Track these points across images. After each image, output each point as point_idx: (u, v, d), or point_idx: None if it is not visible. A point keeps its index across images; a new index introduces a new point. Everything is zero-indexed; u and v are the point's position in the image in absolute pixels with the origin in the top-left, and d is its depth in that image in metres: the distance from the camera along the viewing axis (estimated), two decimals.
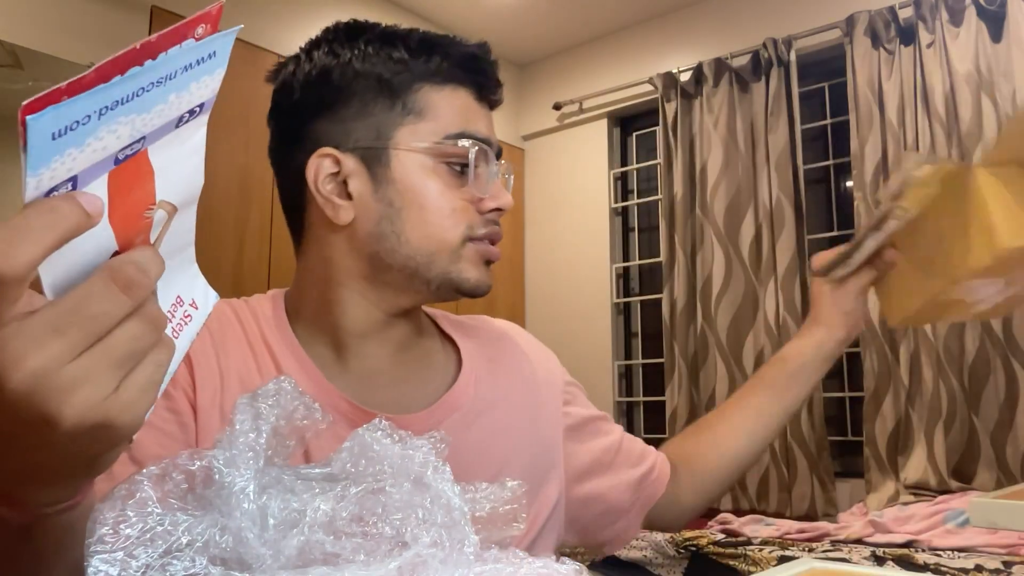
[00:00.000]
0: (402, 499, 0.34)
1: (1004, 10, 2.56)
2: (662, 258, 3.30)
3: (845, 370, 3.02)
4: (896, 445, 2.63)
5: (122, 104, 0.33)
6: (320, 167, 0.72)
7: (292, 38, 2.95)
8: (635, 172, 3.72)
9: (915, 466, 2.52)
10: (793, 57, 2.99)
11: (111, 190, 0.35)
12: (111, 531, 0.32)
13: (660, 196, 3.36)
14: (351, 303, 0.73)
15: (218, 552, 0.32)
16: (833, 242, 3.10)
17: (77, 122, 0.31)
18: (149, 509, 0.32)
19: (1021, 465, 2.40)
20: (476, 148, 0.71)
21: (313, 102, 0.73)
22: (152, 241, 0.38)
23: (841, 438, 2.98)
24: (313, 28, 0.77)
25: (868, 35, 2.81)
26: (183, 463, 0.35)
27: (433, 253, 0.70)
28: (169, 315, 0.39)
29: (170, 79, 0.35)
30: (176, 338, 0.40)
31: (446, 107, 0.71)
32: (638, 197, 3.70)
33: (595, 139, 3.70)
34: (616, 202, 3.67)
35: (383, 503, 0.34)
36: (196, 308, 0.42)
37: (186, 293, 0.41)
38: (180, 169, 0.39)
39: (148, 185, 0.37)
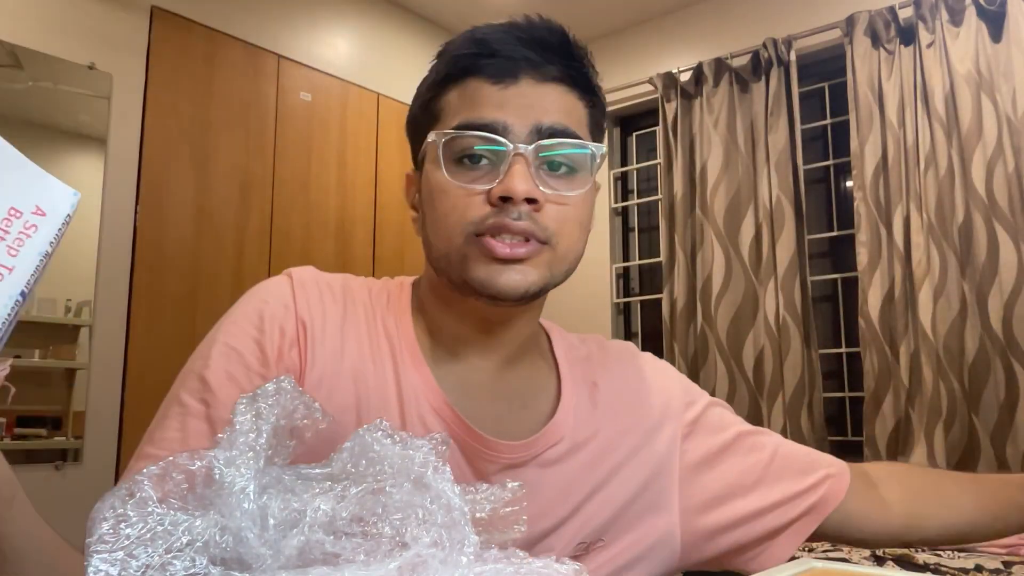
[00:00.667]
0: (402, 499, 0.34)
1: (1004, 10, 2.56)
2: (662, 258, 3.30)
3: (845, 370, 3.02)
4: (896, 445, 2.63)
5: None
6: (407, 186, 0.76)
7: (292, 38, 2.94)
8: (635, 172, 3.72)
9: None
10: (793, 57, 2.99)
11: None
12: (111, 531, 0.32)
13: (660, 196, 3.36)
14: (440, 310, 0.73)
15: (218, 552, 0.32)
16: (833, 242, 3.10)
17: None
18: (149, 509, 0.32)
19: (1021, 465, 2.40)
20: (473, 137, 0.66)
21: (408, 134, 0.76)
22: None
23: (841, 438, 2.98)
24: (313, 28, 0.77)
25: (868, 35, 2.81)
26: (183, 463, 0.35)
27: (447, 254, 0.67)
28: None
29: None
30: (15, 254, 0.37)
31: (455, 102, 0.69)
32: (638, 197, 3.70)
33: None
34: (616, 202, 3.67)
35: (383, 503, 0.34)
36: (43, 215, 0.39)
37: (23, 201, 0.38)
38: None
39: None
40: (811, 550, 1.75)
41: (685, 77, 3.29)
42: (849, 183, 2.99)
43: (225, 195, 2.73)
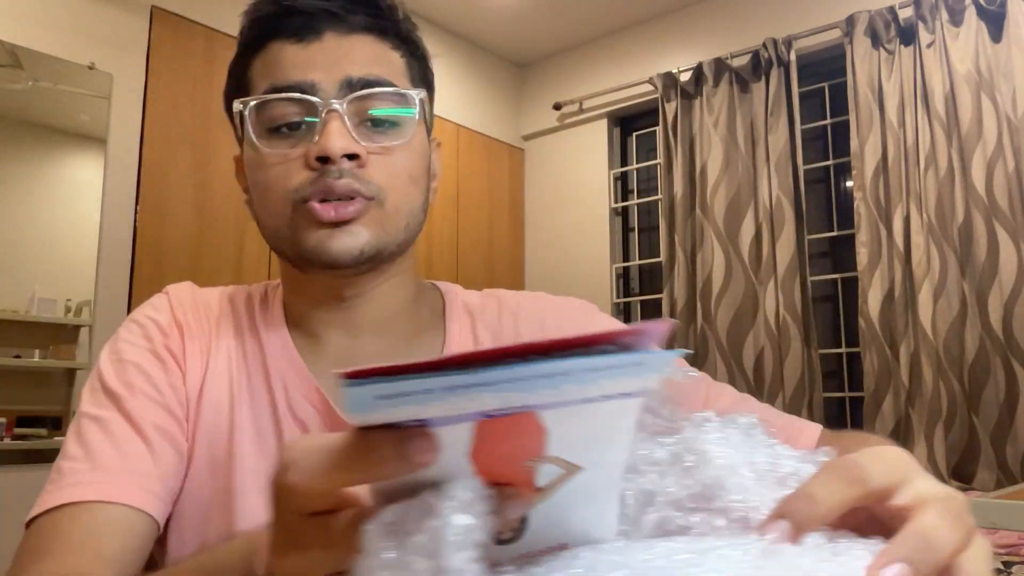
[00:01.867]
0: (740, 483, 0.35)
1: (1004, 10, 2.56)
2: (662, 258, 3.30)
3: (845, 370, 3.02)
4: (896, 445, 2.63)
5: (489, 386, 0.26)
6: (236, 167, 0.73)
7: None
8: (635, 172, 3.72)
9: None
10: (793, 57, 2.99)
11: (478, 433, 0.29)
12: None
13: (660, 196, 3.36)
14: (293, 290, 0.71)
15: None
16: (833, 242, 3.10)
17: (407, 393, 0.26)
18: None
19: (1021, 465, 2.40)
20: (280, 100, 0.62)
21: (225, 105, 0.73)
22: (538, 488, 0.31)
23: None
24: None
25: (868, 35, 2.81)
26: None
27: (277, 229, 0.64)
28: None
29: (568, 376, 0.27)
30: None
31: (260, 70, 0.65)
32: (638, 197, 3.70)
33: (595, 139, 3.70)
34: (616, 202, 3.67)
35: (723, 485, 0.35)
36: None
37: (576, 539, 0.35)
38: (586, 435, 0.32)
39: (536, 441, 0.31)
40: None
41: (685, 77, 3.29)
42: (849, 183, 2.99)
43: (225, 195, 2.73)
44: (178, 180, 2.63)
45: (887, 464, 0.32)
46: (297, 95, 0.62)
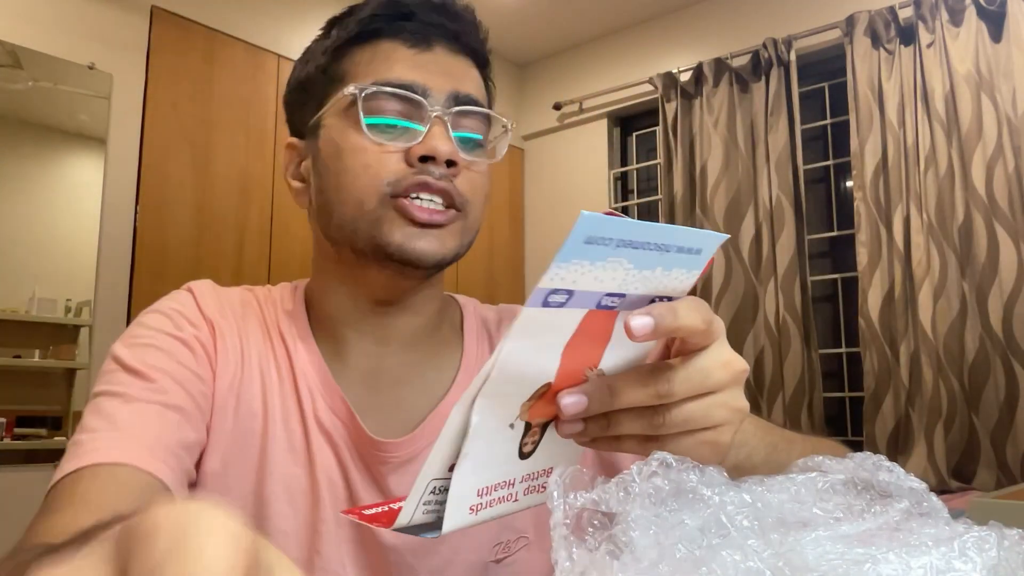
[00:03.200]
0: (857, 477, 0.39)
1: (1004, 10, 2.56)
2: None
3: (845, 370, 3.02)
4: (896, 445, 2.63)
5: (632, 248, 0.36)
6: (287, 157, 0.72)
7: (292, 39, 2.95)
8: (635, 172, 3.72)
9: (915, 466, 2.52)
10: (793, 57, 2.99)
11: (580, 327, 0.39)
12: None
13: (660, 196, 3.36)
14: (333, 291, 0.70)
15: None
16: (833, 242, 3.11)
17: (605, 239, 0.35)
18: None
19: (1021, 465, 2.40)
20: (391, 95, 0.63)
21: (288, 103, 0.74)
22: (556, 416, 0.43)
23: (841, 438, 2.97)
24: (313, 29, 0.76)
25: (868, 35, 2.81)
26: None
27: (355, 218, 0.64)
28: (533, 477, 0.44)
29: (667, 250, 0.39)
30: (516, 499, 0.44)
31: (364, 64, 0.66)
32: (638, 197, 3.70)
33: (595, 139, 3.70)
34: (616, 202, 3.67)
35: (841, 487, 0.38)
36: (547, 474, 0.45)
37: (561, 462, 0.44)
38: (628, 352, 0.43)
39: (599, 348, 0.42)
40: None
41: (685, 77, 3.29)
42: (849, 183, 2.99)
43: (225, 195, 2.73)
44: (178, 180, 2.63)
45: (715, 321, 0.43)
46: (411, 95, 0.63)
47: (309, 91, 0.69)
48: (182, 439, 0.60)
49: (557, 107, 3.77)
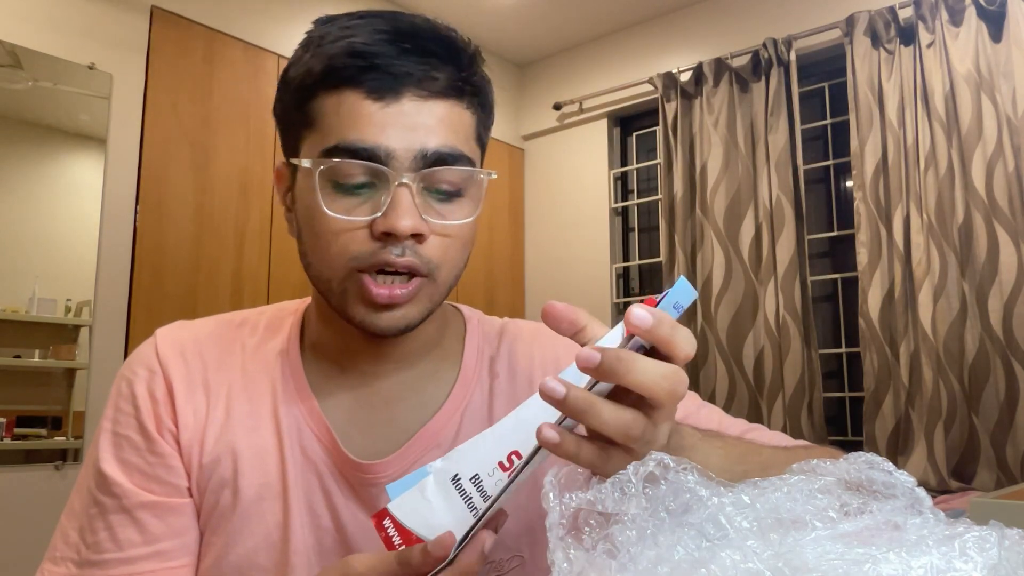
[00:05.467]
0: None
1: (1004, 10, 2.56)
2: (662, 258, 3.30)
3: (845, 370, 3.02)
4: (896, 445, 2.63)
5: None
6: (277, 180, 0.71)
7: (292, 39, 2.94)
8: (635, 172, 3.72)
9: (915, 466, 2.52)
10: (793, 57, 2.99)
11: None
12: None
13: (660, 196, 3.36)
14: (326, 323, 0.70)
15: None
16: (833, 242, 3.10)
17: None
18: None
19: (1021, 465, 2.40)
20: (353, 163, 0.60)
21: (275, 120, 0.71)
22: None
23: (841, 438, 2.98)
24: None
25: (868, 35, 2.81)
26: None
27: (328, 282, 0.63)
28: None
29: None
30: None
31: (331, 115, 0.62)
32: (638, 197, 3.70)
33: (595, 139, 3.70)
34: (616, 202, 3.67)
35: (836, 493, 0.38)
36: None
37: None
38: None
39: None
40: None
41: (685, 77, 3.29)
42: (849, 183, 2.99)
43: (225, 195, 2.73)
44: (178, 180, 2.63)
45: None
46: (370, 164, 0.60)
47: (287, 119, 0.67)
48: (157, 536, 0.65)
49: (557, 107, 3.77)
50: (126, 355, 2.45)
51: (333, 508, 0.66)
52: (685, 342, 0.45)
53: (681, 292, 0.45)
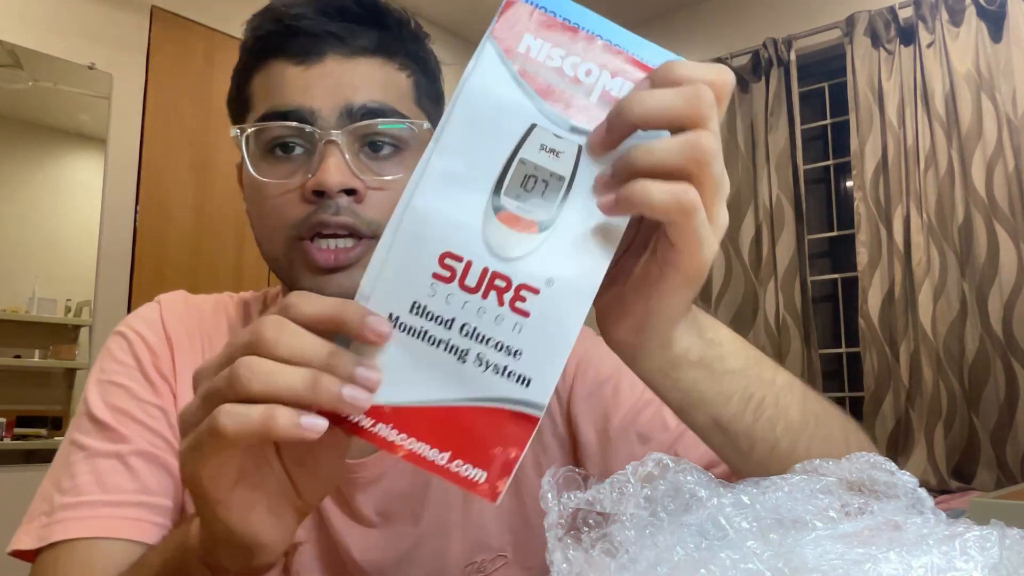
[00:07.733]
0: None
1: (1004, 10, 2.56)
2: None
3: (845, 370, 3.02)
4: (896, 445, 2.63)
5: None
6: (238, 170, 0.69)
7: None
8: None
9: (915, 466, 2.52)
10: (793, 57, 2.99)
11: None
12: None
13: None
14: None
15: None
16: (833, 242, 3.10)
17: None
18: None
19: (1021, 465, 2.40)
20: (277, 125, 0.59)
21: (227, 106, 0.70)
22: None
23: None
24: None
25: (868, 35, 2.81)
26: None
27: (276, 258, 0.62)
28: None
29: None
30: None
31: (260, 89, 0.62)
32: None
33: None
34: None
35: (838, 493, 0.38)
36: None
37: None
38: None
39: None
40: None
41: None
42: (849, 183, 2.99)
43: (225, 195, 2.73)
44: (178, 180, 2.63)
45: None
46: (295, 124, 0.59)
47: (234, 113, 0.67)
48: (147, 485, 0.60)
49: None
50: None
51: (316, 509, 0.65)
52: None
53: None
